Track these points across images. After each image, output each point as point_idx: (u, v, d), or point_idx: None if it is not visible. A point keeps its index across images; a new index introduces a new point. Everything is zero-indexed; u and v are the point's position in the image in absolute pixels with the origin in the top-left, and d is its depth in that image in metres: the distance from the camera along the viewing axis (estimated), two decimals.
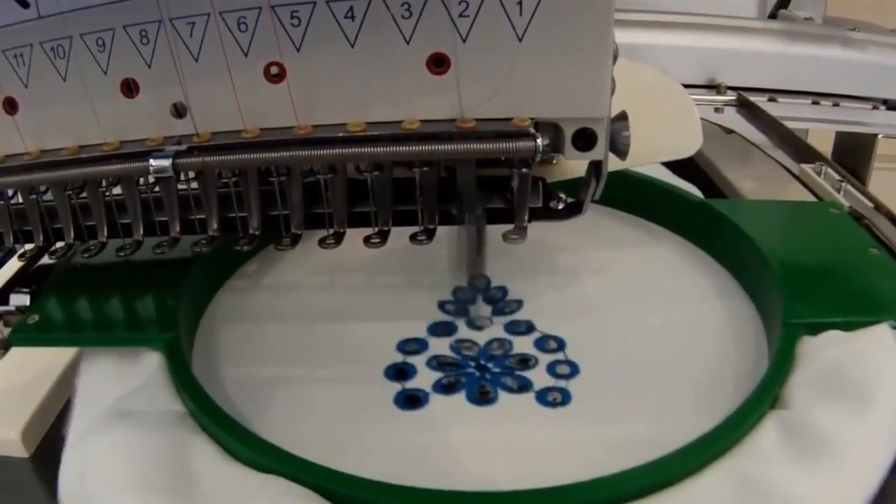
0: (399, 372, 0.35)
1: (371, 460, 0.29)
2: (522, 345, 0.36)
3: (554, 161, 0.37)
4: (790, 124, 0.68)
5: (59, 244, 0.37)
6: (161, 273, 0.37)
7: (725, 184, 0.57)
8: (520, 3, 0.28)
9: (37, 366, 0.36)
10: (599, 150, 0.31)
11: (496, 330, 0.37)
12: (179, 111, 0.31)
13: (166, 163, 0.31)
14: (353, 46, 0.29)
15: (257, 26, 0.29)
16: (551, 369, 0.35)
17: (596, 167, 0.33)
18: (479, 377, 0.34)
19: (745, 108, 0.75)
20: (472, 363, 0.35)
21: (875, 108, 0.78)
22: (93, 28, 0.31)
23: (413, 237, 0.34)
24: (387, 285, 0.41)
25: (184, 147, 0.31)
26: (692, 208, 0.44)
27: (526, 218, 0.33)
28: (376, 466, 0.27)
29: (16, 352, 0.36)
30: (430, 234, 0.34)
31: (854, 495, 0.27)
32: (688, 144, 0.41)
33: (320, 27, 0.29)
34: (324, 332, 0.37)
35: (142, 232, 0.36)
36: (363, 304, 0.40)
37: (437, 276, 0.41)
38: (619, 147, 0.32)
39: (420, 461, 0.30)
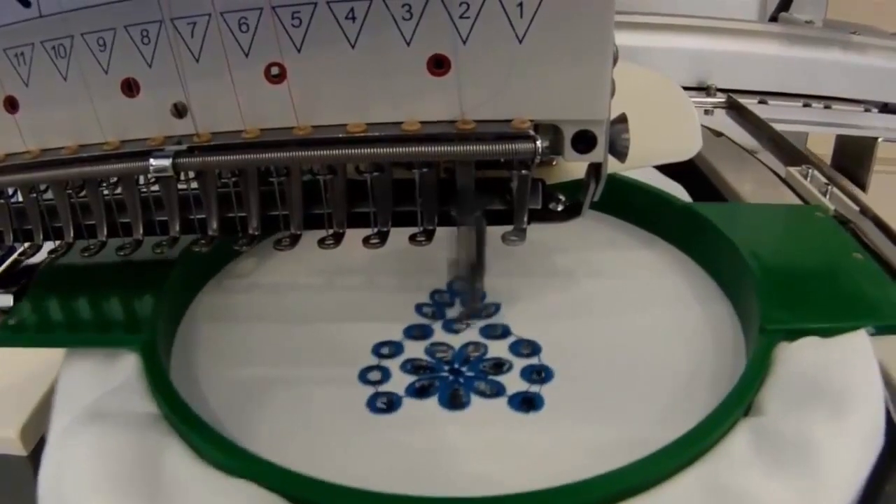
0: (373, 375, 0.34)
1: (341, 465, 0.29)
2: (497, 349, 0.36)
3: (553, 163, 0.37)
4: (789, 128, 0.68)
5: (59, 243, 0.37)
6: (142, 274, 0.37)
7: (712, 187, 0.56)
8: (520, 4, 0.28)
9: (35, 364, 0.35)
10: (599, 153, 0.31)
11: (472, 333, 0.37)
12: (180, 111, 0.31)
13: (166, 162, 0.31)
14: (353, 47, 0.29)
15: (258, 27, 0.29)
16: (525, 374, 0.34)
17: (595, 169, 0.32)
18: (453, 381, 0.34)
19: (735, 110, 0.75)
20: (447, 367, 0.35)
21: (867, 110, 0.77)
22: (94, 27, 0.31)
23: (412, 238, 0.34)
24: (365, 287, 0.41)
25: (184, 147, 0.31)
26: (675, 211, 0.44)
27: (525, 219, 0.33)
28: (346, 471, 0.27)
29: (13, 350, 0.36)
30: (430, 236, 0.34)
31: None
32: (687, 147, 0.41)
33: (321, 28, 0.29)
34: (300, 334, 0.37)
35: (142, 231, 0.35)
36: (341, 306, 0.40)
37: (416, 278, 0.41)
38: (618, 149, 0.31)
39: (390, 466, 0.30)
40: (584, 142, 0.31)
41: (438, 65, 0.30)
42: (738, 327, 0.37)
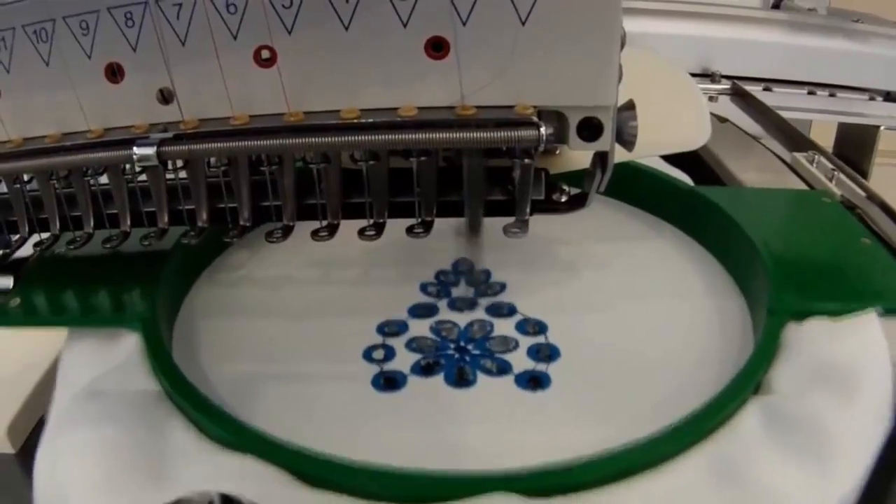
0: (377, 354, 0.34)
1: (344, 442, 0.29)
2: (503, 327, 0.36)
3: (557, 151, 0.36)
4: (791, 115, 0.68)
5: (45, 235, 0.36)
6: (141, 261, 0.37)
7: (717, 172, 0.56)
8: None
9: (23, 359, 0.35)
10: (605, 141, 0.30)
11: (477, 312, 0.37)
12: (166, 97, 0.31)
13: (150, 151, 0.30)
14: (347, 29, 0.29)
15: (247, 8, 0.29)
16: (532, 353, 0.34)
17: (601, 158, 0.32)
18: (459, 359, 0.34)
19: (740, 97, 0.75)
20: (452, 345, 0.35)
21: (872, 98, 0.78)
22: (76, 10, 0.30)
23: (410, 230, 0.33)
24: (366, 272, 0.41)
25: (170, 134, 0.30)
26: (681, 196, 0.44)
27: (528, 211, 0.33)
28: (349, 448, 0.27)
29: (1, 344, 0.36)
30: (428, 227, 0.33)
31: (835, 483, 0.26)
32: (696, 136, 0.41)
33: (313, 9, 0.28)
34: (302, 320, 0.37)
35: (129, 223, 0.35)
36: (342, 289, 0.40)
37: (418, 262, 0.41)
38: (625, 138, 0.31)
39: (394, 443, 0.30)
40: (589, 129, 0.30)
41: (437, 47, 0.29)
42: (746, 310, 0.37)
